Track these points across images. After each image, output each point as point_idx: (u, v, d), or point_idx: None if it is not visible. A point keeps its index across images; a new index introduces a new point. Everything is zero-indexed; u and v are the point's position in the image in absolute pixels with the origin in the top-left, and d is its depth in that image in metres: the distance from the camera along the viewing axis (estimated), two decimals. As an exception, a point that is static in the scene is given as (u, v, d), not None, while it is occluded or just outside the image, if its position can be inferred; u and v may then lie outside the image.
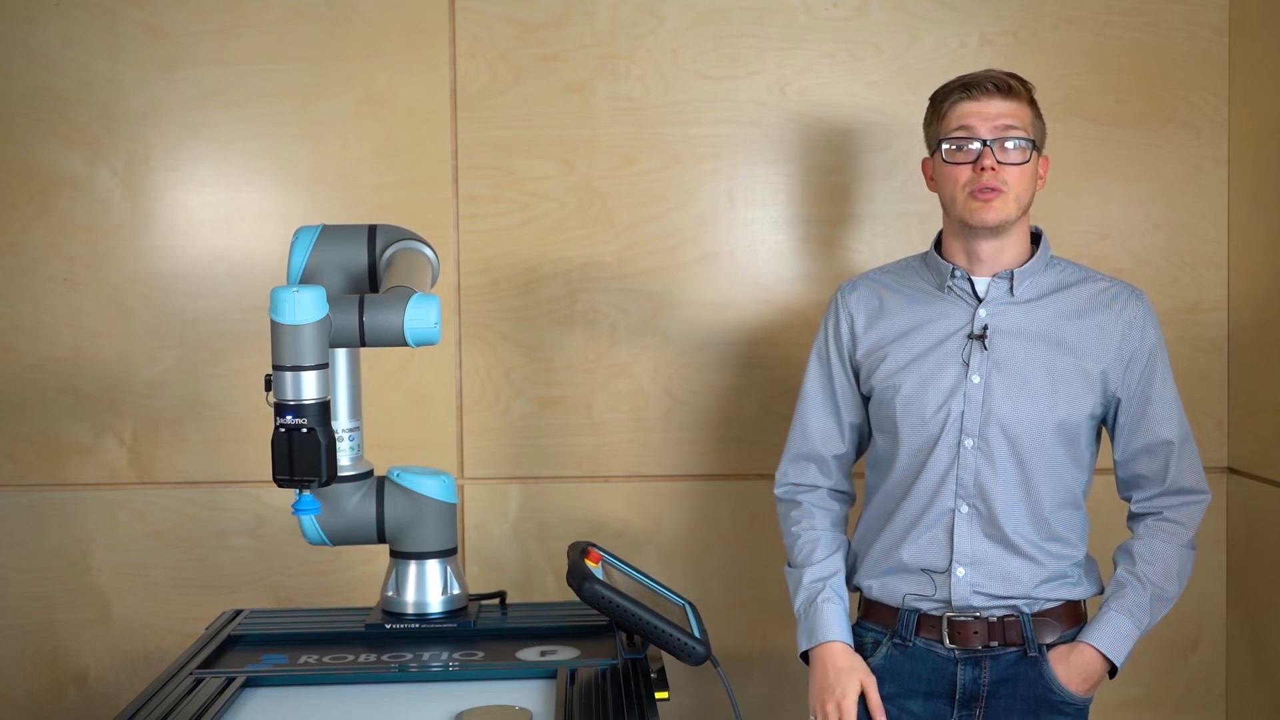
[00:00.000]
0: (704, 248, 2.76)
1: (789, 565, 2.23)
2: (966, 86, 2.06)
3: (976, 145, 2.04)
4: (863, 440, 2.26)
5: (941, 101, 2.09)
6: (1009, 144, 2.04)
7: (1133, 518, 2.17)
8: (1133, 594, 2.08)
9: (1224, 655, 2.82)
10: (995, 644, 2.08)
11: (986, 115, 2.04)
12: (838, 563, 2.19)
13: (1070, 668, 2.06)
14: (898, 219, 2.76)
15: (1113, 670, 2.08)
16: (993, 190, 2.03)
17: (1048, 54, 2.74)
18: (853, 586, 2.22)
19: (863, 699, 2.09)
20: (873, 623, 2.18)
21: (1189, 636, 2.81)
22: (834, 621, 2.13)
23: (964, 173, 2.05)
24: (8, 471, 2.76)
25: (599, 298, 2.76)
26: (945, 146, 2.06)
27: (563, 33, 2.73)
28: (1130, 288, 2.14)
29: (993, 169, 2.02)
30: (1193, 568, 2.14)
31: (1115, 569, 2.13)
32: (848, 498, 2.28)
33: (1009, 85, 2.06)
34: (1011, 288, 2.09)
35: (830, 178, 2.76)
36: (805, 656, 2.17)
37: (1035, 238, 2.16)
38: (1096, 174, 2.76)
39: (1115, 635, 2.07)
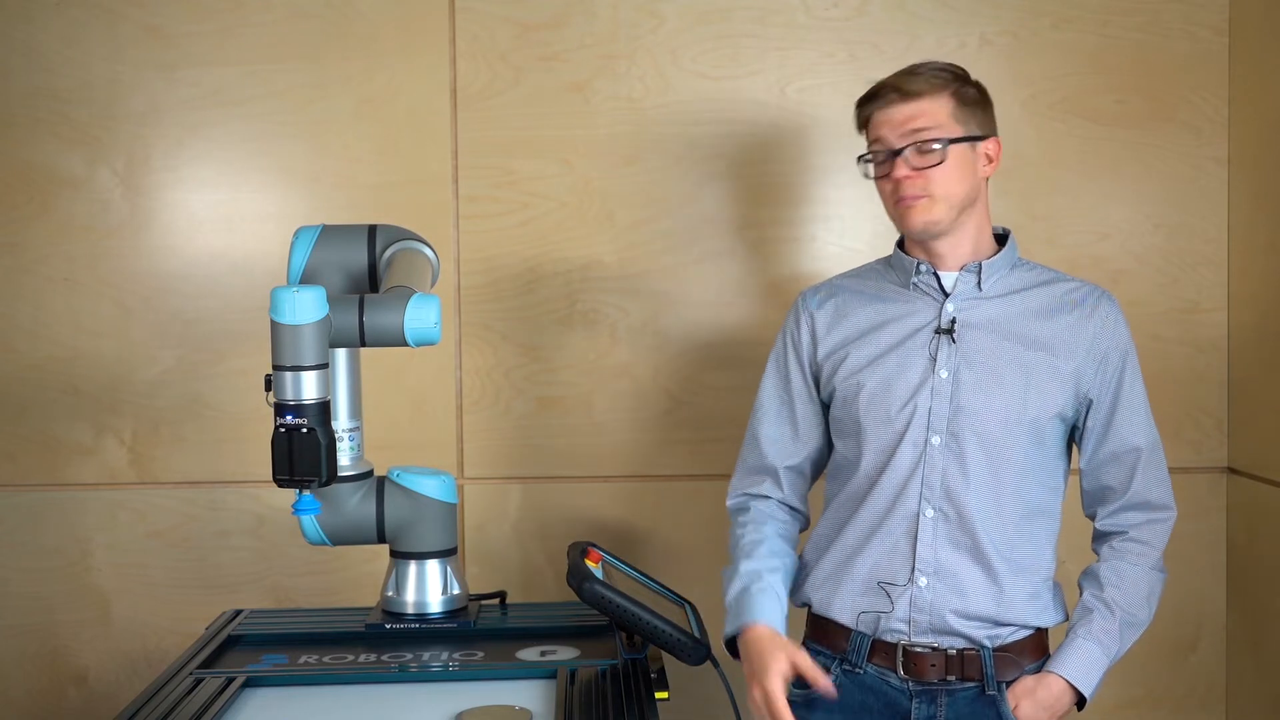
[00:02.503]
0: (704, 248, 2.76)
1: (726, 567, 2.09)
2: (871, 96, 2.01)
3: (888, 155, 1.98)
4: (820, 458, 2.15)
5: (857, 118, 2.05)
6: (919, 148, 1.96)
7: (1098, 538, 2.07)
8: (1100, 620, 1.96)
9: (1224, 655, 2.82)
10: (953, 679, 1.96)
11: (894, 123, 1.97)
12: (778, 565, 2.04)
13: (1037, 701, 1.94)
14: (898, 219, 2.76)
15: (1081, 702, 1.96)
16: (914, 197, 1.97)
17: (1048, 54, 2.74)
18: (799, 601, 2.10)
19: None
20: (820, 645, 2.05)
21: (1189, 636, 2.81)
22: (764, 606, 1.97)
23: (887, 185, 2.00)
24: (8, 471, 2.76)
25: (599, 298, 2.76)
26: (865, 163, 2.02)
27: (563, 33, 2.73)
28: (1100, 289, 2.06)
29: (908, 177, 1.96)
30: (1162, 590, 2.03)
31: (1081, 594, 2.02)
32: (801, 517, 2.15)
33: (910, 88, 1.98)
34: (979, 282, 2.02)
35: (830, 178, 2.76)
36: (732, 648, 2.01)
37: (1004, 239, 2.08)
38: (1096, 174, 2.76)
39: (1084, 664, 1.94)
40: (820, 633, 2.06)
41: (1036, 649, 2.01)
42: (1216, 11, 2.75)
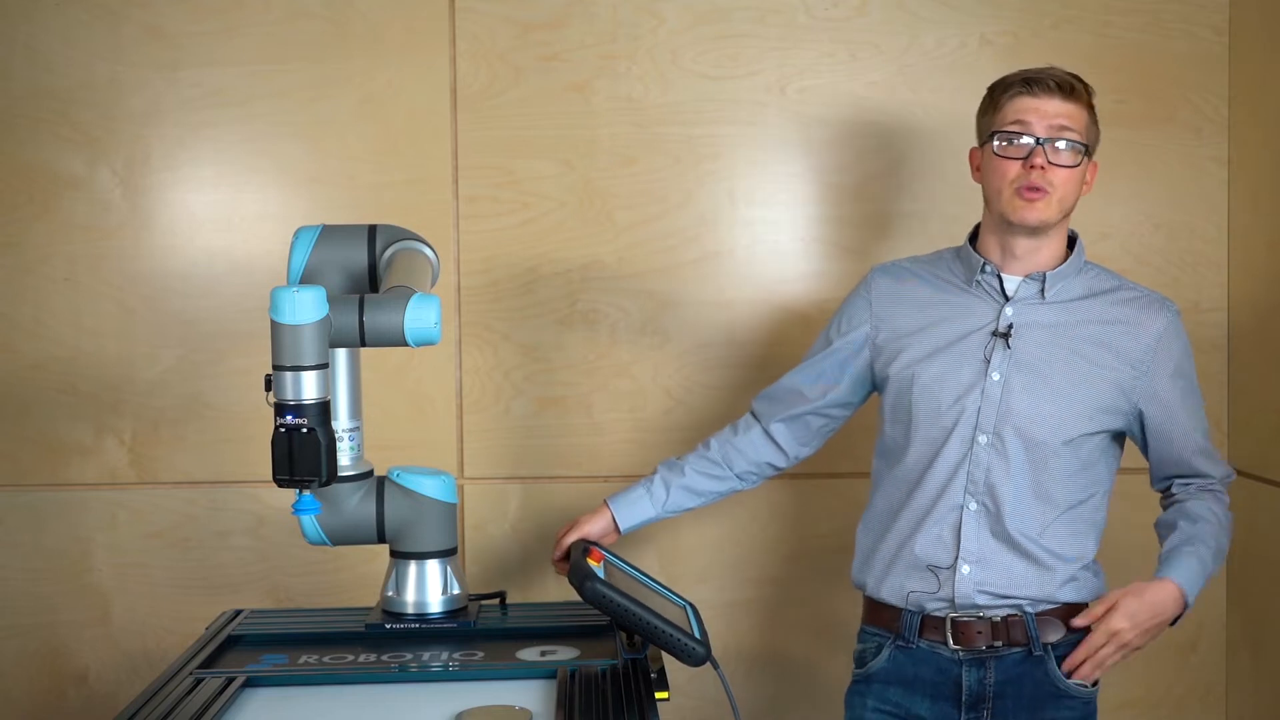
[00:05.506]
0: (704, 248, 2.76)
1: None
2: (1028, 81, 2.05)
3: (1029, 142, 2.03)
4: (821, 422, 2.27)
5: (1000, 93, 2.08)
6: (1061, 145, 2.03)
7: (1173, 492, 2.17)
8: (1203, 539, 2.05)
9: (1224, 656, 2.82)
10: (999, 644, 2.07)
11: (1044, 113, 2.03)
12: (686, 463, 2.27)
13: (1144, 601, 2.00)
14: (898, 219, 2.76)
15: (1176, 618, 2.05)
16: (1038, 190, 2.02)
17: (1048, 54, 2.72)
18: (856, 584, 2.22)
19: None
20: (876, 627, 2.17)
21: (1189, 636, 2.81)
22: (625, 492, 2.26)
23: (1013, 168, 2.04)
24: (8, 471, 2.75)
25: (599, 298, 2.76)
26: (998, 141, 2.05)
27: (563, 33, 2.73)
28: (1161, 300, 2.13)
29: (1042, 168, 2.02)
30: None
31: (1172, 527, 2.09)
32: (780, 454, 2.28)
33: (1070, 86, 2.05)
34: (1043, 290, 2.09)
35: (830, 178, 2.76)
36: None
37: (1072, 241, 2.15)
38: (1097, 174, 2.76)
39: (1191, 573, 2.03)
40: (874, 615, 2.18)
41: (1074, 616, 2.10)
42: (1216, 11, 2.75)
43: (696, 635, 1.90)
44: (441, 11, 2.72)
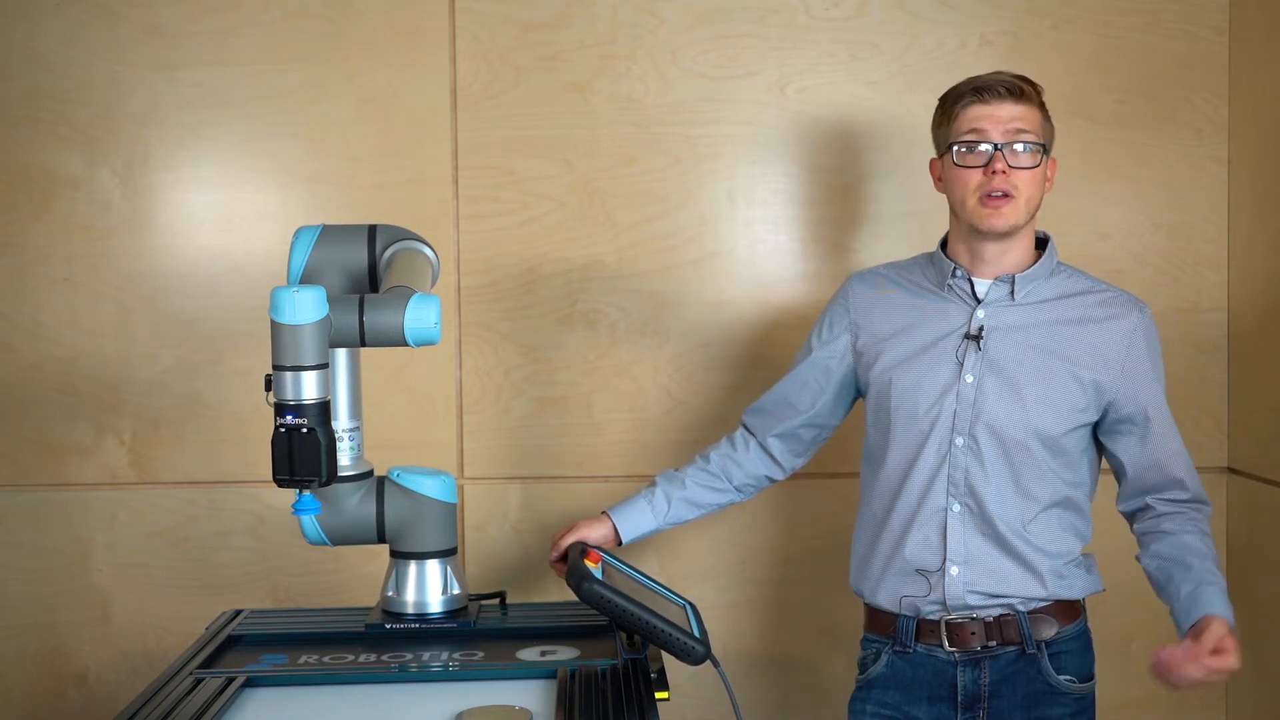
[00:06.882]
0: (704, 248, 2.76)
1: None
2: (978, 89, 2.06)
3: (987, 149, 2.04)
4: (813, 433, 2.29)
5: (953, 104, 2.09)
6: (1020, 147, 2.04)
7: (1153, 516, 2.11)
8: (1213, 566, 2.05)
9: (1224, 655, 2.82)
10: (994, 643, 2.09)
11: (998, 119, 2.04)
12: (686, 475, 2.27)
13: (1202, 645, 1.98)
14: (897, 219, 2.76)
15: None
16: (1003, 196, 2.03)
17: (1048, 54, 2.74)
18: (855, 592, 2.23)
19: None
20: (875, 634, 2.19)
21: (1189, 636, 2.81)
22: (626, 504, 2.24)
23: (974, 176, 2.05)
24: (8, 471, 2.75)
25: (599, 298, 2.76)
26: (956, 150, 2.06)
27: (563, 33, 2.73)
28: (1134, 300, 2.14)
29: (1004, 173, 2.03)
30: None
31: (1185, 566, 2.04)
32: (775, 467, 2.30)
33: (1020, 89, 2.06)
34: (1012, 292, 2.10)
35: (830, 178, 2.76)
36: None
37: (1043, 243, 2.17)
38: (1096, 174, 2.76)
39: (1227, 603, 2.02)
40: (874, 623, 2.19)
41: (1069, 613, 2.13)
42: (1216, 11, 2.75)
43: (696, 634, 1.90)
44: (441, 11, 2.72)
